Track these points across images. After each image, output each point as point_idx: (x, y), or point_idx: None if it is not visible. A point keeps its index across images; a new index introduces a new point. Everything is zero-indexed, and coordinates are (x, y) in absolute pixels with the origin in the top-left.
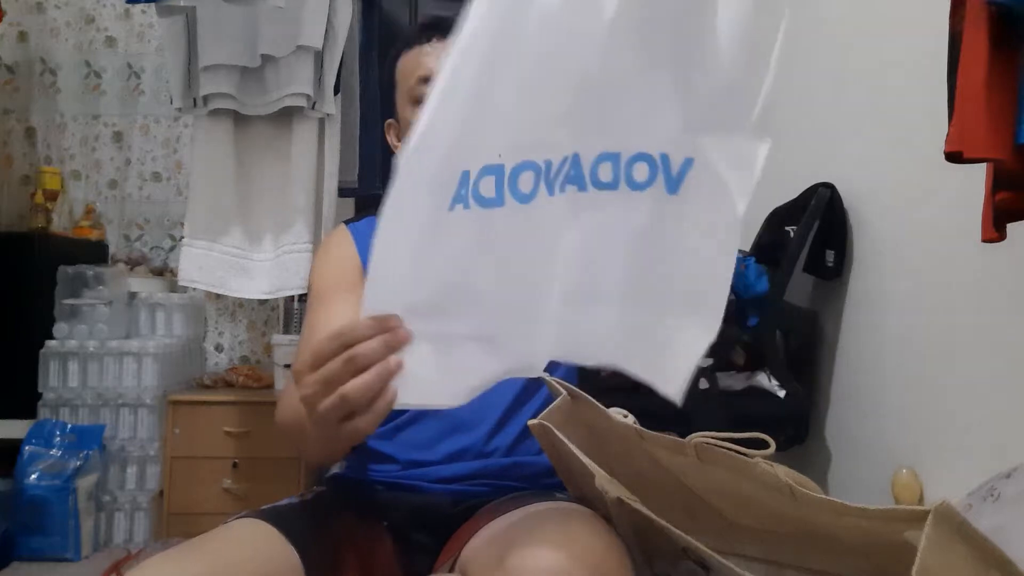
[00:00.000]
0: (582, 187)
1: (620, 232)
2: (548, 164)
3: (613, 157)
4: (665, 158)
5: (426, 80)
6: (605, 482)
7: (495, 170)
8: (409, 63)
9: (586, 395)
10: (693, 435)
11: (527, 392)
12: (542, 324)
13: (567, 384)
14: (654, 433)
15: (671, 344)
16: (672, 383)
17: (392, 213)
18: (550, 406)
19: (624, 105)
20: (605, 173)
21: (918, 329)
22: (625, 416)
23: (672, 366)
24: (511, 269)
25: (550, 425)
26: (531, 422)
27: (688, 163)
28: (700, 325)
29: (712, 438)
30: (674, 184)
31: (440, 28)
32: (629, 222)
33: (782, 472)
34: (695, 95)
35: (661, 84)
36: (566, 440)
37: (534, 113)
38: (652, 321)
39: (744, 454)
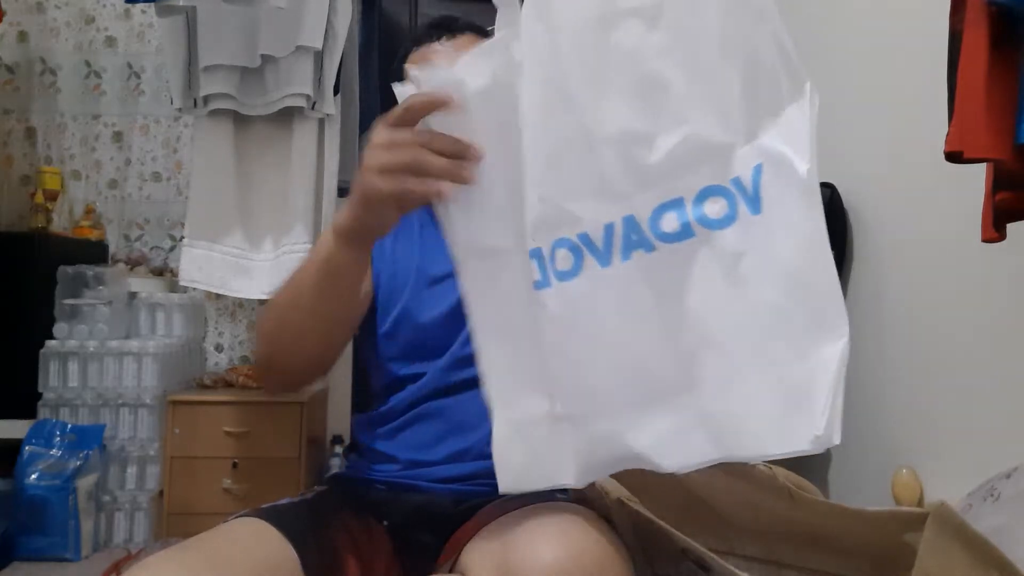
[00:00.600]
0: (648, 248)
1: (711, 282)
2: (585, 237)
3: (675, 204)
4: (737, 181)
5: None
6: (605, 482)
7: (536, 253)
8: (419, 61)
9: None
10: None
11: None
12: (634, 412)
13: None
14: None
15: (811, 381)
16: (816, 424)
17: (481, 299)
18: None
19: (661, 151)
20: (670, 223)
21: (918, 329)
22: None
23: (808, 405)
24: (567, 349)
25: None
26: None
27: (758, 170)
28: (827, 337)
29: None
30: (755, 201)
31: (450, 26)
32: (719, 267)
33: (781, 475)
34: (737, 105)
35: (701, 113)
36: None
37: (555, 192)
38: (779, 374)
39: None
